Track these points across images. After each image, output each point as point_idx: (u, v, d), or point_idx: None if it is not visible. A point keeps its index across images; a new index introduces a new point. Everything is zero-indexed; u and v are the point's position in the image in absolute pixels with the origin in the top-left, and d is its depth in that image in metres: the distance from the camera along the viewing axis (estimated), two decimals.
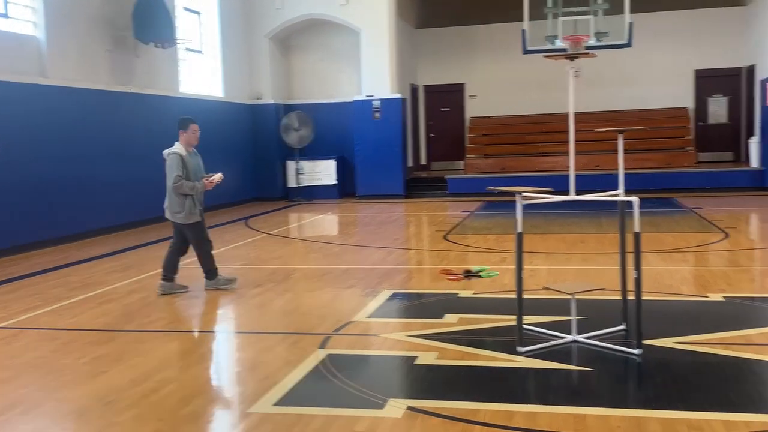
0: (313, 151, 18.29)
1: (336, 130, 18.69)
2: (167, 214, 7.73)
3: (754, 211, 13.63)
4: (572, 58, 5.29)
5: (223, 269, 9.02)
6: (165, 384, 4.93)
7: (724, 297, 6.77)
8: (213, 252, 7.96)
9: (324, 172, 18.31)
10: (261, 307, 7.14)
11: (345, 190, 18.39)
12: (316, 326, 6.26)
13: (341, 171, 18.38)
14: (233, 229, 13.13)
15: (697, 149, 18.49)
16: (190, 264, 8.38)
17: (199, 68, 16.34)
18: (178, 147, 7.65)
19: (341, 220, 14.78)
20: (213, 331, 6.45)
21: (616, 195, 5.57)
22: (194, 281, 8.39)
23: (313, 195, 18.17)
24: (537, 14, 15.18)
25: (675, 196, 15.65)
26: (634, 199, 5.09)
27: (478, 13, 20.13)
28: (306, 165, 18.32)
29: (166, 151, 7.67)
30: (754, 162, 16.83)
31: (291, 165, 18.38)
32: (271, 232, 12.48)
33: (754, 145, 16.87)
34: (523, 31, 14.99)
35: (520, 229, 5.19)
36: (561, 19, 14.82)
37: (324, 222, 14.53)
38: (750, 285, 7.48)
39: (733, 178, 16.76)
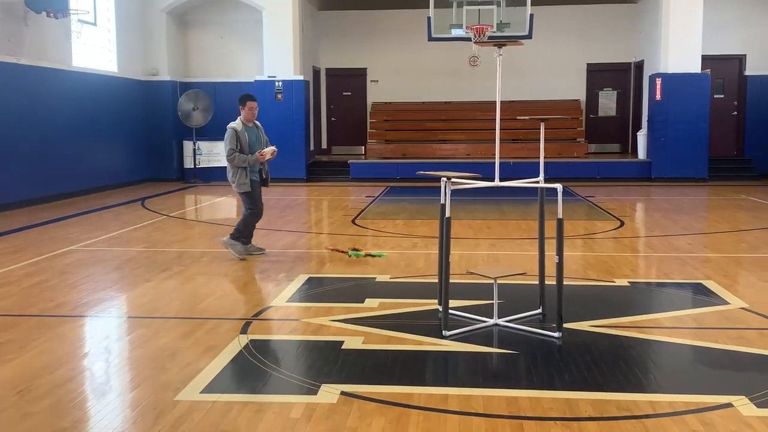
0: (211, 131, 17.75)
1: (236, 111, 18.03)
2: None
3: (643, 200, 14.32)
4: (500, 45, 5.33)
5: (125, 252, 8.71)
6: (80, 371, 4.69)
7: (629, 282, 7.07)
8: (257, 225, 8.47)
9: (223, 153, 17.78)
10: (173, 291, 6.89)
11: None
12: (233, 311, 6.11)
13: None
14: (130, 211, 12.63)
15: (588, 140, 19.24)
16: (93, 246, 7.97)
17: (93, 41, 15.56)
18: (236, 121, 8.09)
19: None
20: (124, 316, 6.16)
21: (537, 182, 5.68)
22: (100, 271, 8.05)
23: (211, 176, 17.69)
24: (441, 2, 15.32)
25: (568, 185, 16.17)
26: (558, 186, 5.21)
27: None
28: (204, 145, 17.81)
29: (228, 125, 8.11)
30: (642, 154, 17.66)
31: (188, 145, 17.83)
32: (171, 214, 12.08)
33: (641, 137, 17.69)
34: (429, 18, 15.09)
35: (448, 214, 5.20)
36: (465, 8, 15.01)
37: (226, 204, 14.18)
38: (651, 270, 7.83)
39: (622, 169, 17.54)
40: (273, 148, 8.22)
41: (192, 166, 17.71)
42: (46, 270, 7.68)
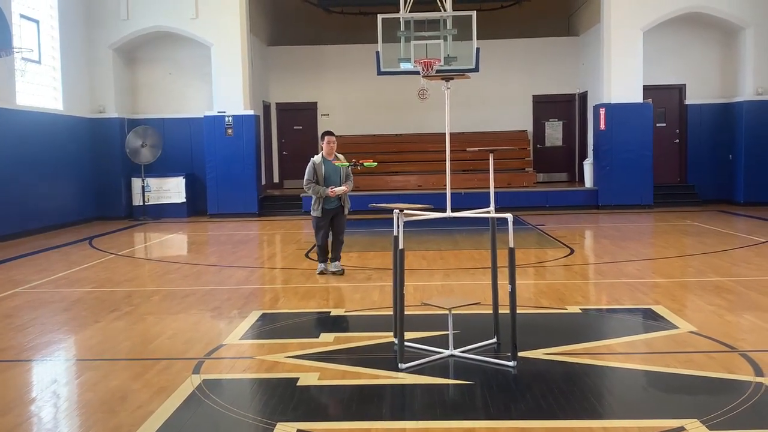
0: (160, 168, 17.61)
1: (185, 147, 18.14)
2: None
3: (592, 227, 14.57)
4: (448, 79, 5.41)
5: (73, 293, 8.51)
6: (27, 418, 4.54)
7: (581, 309, 7.15)
8: (326, 246, 9.21)
9: (173, 189, 17.66)
10: (123, 331, 6.73)
11: (195, 208, 17.84)
12: (185, 351, 5.99)
13: (191, 189, 17.81)
14: (77, 250, 12.36)
15: (536, 170, 19.55)
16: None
17: (38, 79, 15.32)
18: (318, 155, 9.10)
19: (195, 239, 14.29)
20: (73, 359, 6.00)
21: (488, 212, 5.74)
22: (48, 313, 7.85)
23: (161, 213, 17.47)
24: (389, 37, 15.48)
25: (518, 214, 16.38)
26: (508, 216, 5.27)
27: (330, 33, 20.34)
28: (153, 182, 17.59)
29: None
30: (588, 182, 18.01)
31: (137, 182, 17.59)
32: (119, 253, 11.86)
33: (588, 166, 18.06)
34: (378, 53, 15.24)
35: (401, 246, 5.22)
36: (413, 42, 15.20)
37: (176, 241, 13.99)
38: (602, 297, 7.95)
39: (570, 197, 17.83)
40: (344, 188, 8.96)
41: (141, 204, 17.46)
42: None
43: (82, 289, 8.80)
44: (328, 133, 9.22)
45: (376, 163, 8.71)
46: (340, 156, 9.16)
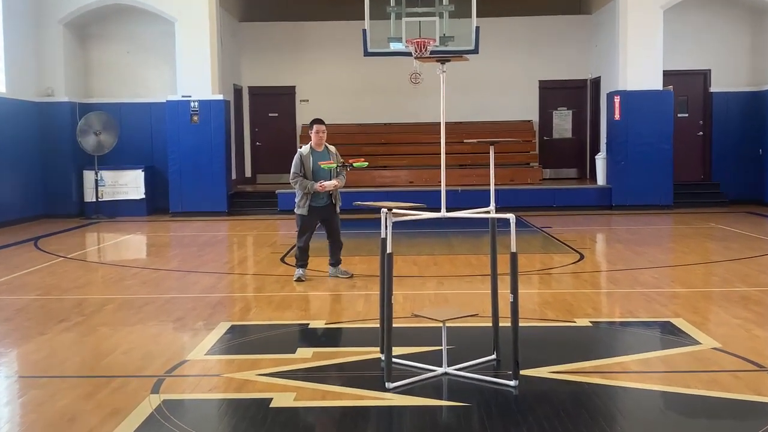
0: (116, 160, 17.56)
1: (145, 136, 18.11)
2: None
3: (604, 230, 14.65)
4: (443, 61, 5.43)
5: (16, 301, 8.48)
6: None
7: (591, 322, 7.19)
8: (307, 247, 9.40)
9: (130, 184, 17.61)
10: (72, 345, 6.72)
11: (155, 205, 17.80)
12: (143, 367, 5.97)
13: (151, 183, 17.77)
14: (21, 252, 12.32)
15: (542, 165, 19.60)
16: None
17: None
18: (305, 146, 9.17)
19: (155, 240, 14.27)
20: (15, 376, 5.98)
21: (487, 212, 5.75)
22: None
23: (116, 211, 17.41)
24: (378, 13, 15.51)
25: (521, 215, 16.44)
26: (511, 217, 5.29)
27: (311, 8, 20.29)
28: (108, 176, 17.53)
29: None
30: (601, 179, 18.10)
31: (89, 176, 17.52)
32: (69, 256, 11.82)
33: (600, 161, 18.14)
34: (364, 31, 15.26)
35: (389, 250, 5.23)
36: (405, 19, 15.23)
37: (134, 243, 13.97)
38: (615, 308, 8.00)
39: (580, 196, 17.89)
40: (335, 182, 8.97)
41: (94, 200, 17.39)
42: None
43: (25, 296, 8.77)
44: (317, 121, 9.19)
45: (367, 163, 8.73)
46: (332, 148, 9.17)
